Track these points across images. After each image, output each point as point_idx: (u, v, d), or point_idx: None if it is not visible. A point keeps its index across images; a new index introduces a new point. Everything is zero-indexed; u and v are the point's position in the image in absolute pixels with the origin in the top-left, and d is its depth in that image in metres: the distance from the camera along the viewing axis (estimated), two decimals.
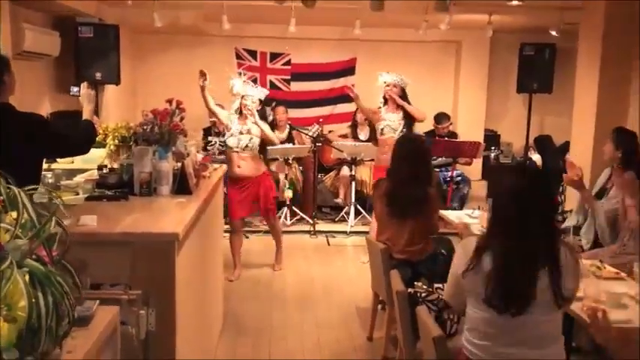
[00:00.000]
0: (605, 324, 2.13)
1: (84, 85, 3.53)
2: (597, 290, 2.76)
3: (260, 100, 5.46)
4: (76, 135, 3.20)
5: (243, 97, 5.28)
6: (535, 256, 2.28)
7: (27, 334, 1.14)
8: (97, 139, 3.39)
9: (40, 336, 1.16)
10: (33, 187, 1.31)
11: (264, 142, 5.69)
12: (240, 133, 5.28)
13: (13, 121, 2.90)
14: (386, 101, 5.94)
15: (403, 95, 5.92)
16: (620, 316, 2.64)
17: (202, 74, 4.94)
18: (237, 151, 5.29)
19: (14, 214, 1.21)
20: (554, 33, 6.55)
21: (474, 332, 2.41)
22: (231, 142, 5.29)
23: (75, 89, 5.96)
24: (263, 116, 6.04)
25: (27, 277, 1.14)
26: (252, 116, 5.29)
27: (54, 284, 1.19)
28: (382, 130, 5.95)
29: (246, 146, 5.28)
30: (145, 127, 3.21)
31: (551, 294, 2.26)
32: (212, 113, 5.41)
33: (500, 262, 2.30)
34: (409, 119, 5.91)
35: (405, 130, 5.89)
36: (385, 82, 5.92)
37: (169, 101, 3.35)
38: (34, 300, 1.14)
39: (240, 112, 5.31)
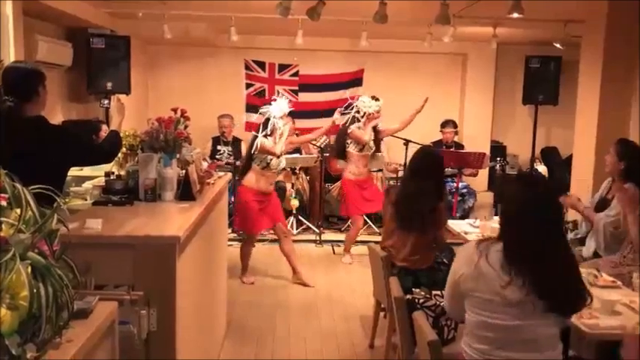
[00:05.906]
0: None
1: (115, 97, 3.65)
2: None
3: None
4: (103, 145, 3.32)
5: (284, 117, 5.32)
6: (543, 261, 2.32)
7: (28, 322, 1.23)
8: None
9: (41, 324, 1.25)
10: (37, 186, 1.39)
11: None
12: (282, 154, 5.37)
13: (47, 132, 3.01)
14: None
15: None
16: (613, 322, 2.70)
17: None
18: (274, 171, 5.41)
19: (19, 211, 1.29)
20: (558, 45, 6.60)
21: (472, 336, 2.45)
22: (274, 163, 5.33)
23: (105, 101, 6.15)
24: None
25: (29, 269, 1.23)
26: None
27: (54, 276, 1.28)
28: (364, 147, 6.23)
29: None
30: (150, 135, 3.29)
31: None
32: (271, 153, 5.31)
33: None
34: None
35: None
36: (379, 108, 6.19)
37: (174, 110, 3.45)
38: (35, 290, 1.22)
39: (271, 133, 5.25)
